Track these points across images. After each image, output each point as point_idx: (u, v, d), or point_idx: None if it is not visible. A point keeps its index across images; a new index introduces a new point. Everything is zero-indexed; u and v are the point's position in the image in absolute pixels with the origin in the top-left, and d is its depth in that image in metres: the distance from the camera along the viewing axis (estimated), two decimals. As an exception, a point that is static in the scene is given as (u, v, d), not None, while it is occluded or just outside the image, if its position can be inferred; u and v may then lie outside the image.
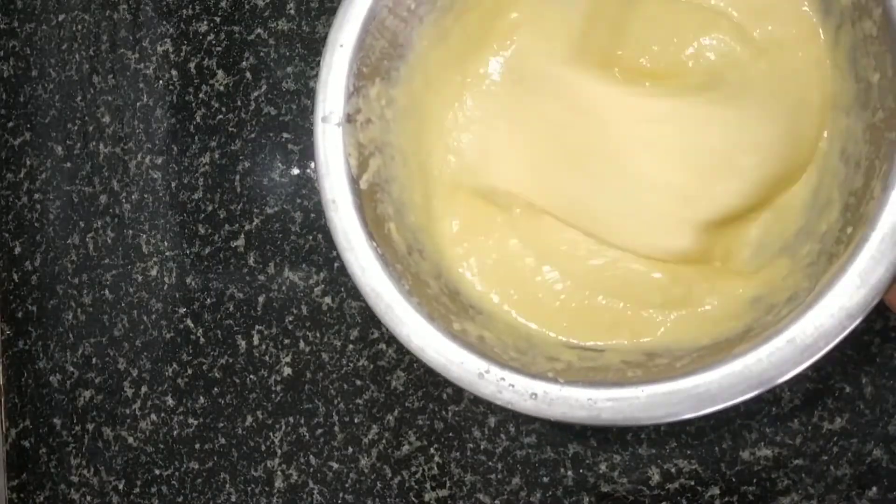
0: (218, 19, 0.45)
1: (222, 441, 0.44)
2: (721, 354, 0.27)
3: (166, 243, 0.46)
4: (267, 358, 0.44)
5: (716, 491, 0.38)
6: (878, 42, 0.27)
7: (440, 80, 0.35)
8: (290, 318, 0.43)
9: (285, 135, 0.44)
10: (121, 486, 0.46)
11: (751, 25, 0.32)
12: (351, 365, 0.42)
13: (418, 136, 0.34)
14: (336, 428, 0.42)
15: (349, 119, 0.32)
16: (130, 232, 0.46)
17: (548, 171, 0.34)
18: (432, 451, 0.41)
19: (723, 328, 0.30)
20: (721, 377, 0.27)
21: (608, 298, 0.33)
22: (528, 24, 0.34)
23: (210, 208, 0.45)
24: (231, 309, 0.44)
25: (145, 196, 0.46)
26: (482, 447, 0.41)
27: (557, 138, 0.34)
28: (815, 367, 0.27)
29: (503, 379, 0.28)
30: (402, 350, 0.41)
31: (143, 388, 0.46)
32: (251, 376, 0.44)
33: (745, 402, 0.27)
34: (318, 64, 0.32)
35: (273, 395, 0.43)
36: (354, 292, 0.40)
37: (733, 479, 0.38)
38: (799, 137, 0.31)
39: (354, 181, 0.31)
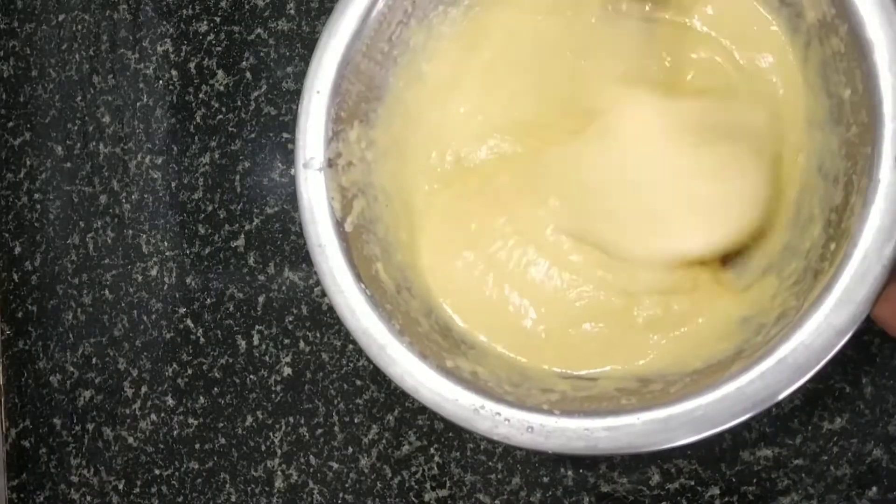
0: (218, 19, 0.45)
1: (222, 441, 0.44)
2: (714, 377, 0.27)
3: (166, 243, 0.46)
4: (267, 358, 0.44)
5: (716, 491, 0.38)
6: (847, 58, 0.27)
7: (419, 118, 0.34)
8: (290, 318, 0.43)
9: (285, 135, 0.44)
10: (121, 486, 0.46)
11: (731, 47, 0.32)
12: (351, 365, 0.42)
13: (401, 175, 0.34)
14: (336, 428, 0.42)
15: (330, 164, 0.32)
16: (130, 232, 0.46)
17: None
18: (432, 451, 0.41)
19: (714, 350, 0.30)
20: (715, 400, 0.26)
21: (592, 324, 0.33)
22: (500, 57, 0.34)
23: (210, 208, 0.45)
24: (231, 309, 0.44)
25: (145, 196, 0.46)
26: (482, 447, 0.40)
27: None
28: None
29: (499, 414, 0.28)
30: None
31: (143, 388, 0.46)
32: (251, 376, 0.44)
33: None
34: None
35: (273, 395, 0.43)
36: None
37: (733, 479, 0.38)
38: (775, 156, 0.31)
39: (339, 224, 0.31)
